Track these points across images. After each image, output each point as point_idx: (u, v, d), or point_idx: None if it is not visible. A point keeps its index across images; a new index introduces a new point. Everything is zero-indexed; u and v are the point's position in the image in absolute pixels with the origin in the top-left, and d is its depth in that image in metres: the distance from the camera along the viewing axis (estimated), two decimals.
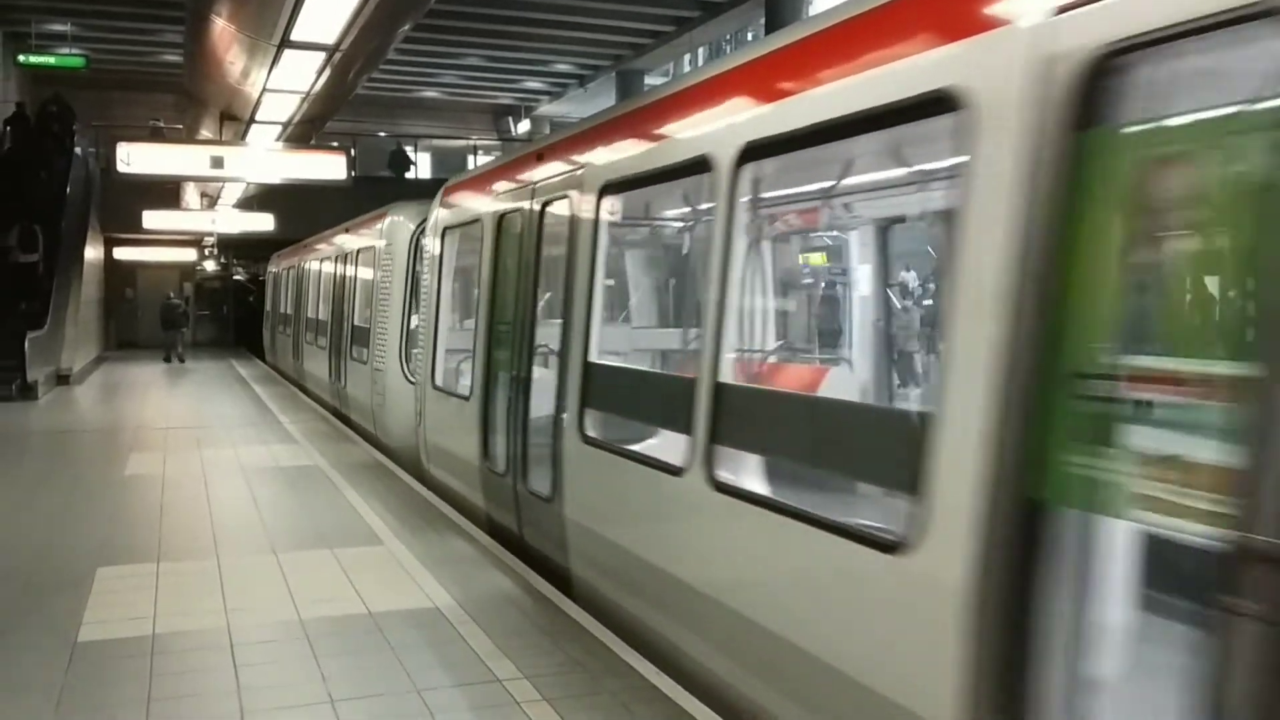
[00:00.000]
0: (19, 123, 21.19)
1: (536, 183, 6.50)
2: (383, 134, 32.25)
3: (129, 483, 8.96)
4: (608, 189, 5.51)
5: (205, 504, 8.04)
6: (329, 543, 6.76)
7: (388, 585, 5.77)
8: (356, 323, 11.61)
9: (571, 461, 5.62)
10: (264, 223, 19.96)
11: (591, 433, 5.48)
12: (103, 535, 7.03)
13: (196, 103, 12.75)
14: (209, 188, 19.94)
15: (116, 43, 26.32)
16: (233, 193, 20.23)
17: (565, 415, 5.70)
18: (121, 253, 25.64)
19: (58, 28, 23.72)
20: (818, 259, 8.00)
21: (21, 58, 23.30)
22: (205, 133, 12.99)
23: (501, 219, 7.07)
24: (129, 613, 5.28)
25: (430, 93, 33.89)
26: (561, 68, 30.40)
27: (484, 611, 5.26)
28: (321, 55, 8.44)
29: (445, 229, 8.37)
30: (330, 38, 7.89)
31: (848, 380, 6.30)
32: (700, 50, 29.06)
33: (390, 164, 27.18)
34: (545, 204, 6.35)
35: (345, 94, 11.62)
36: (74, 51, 23.09)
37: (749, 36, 28.61)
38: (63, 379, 17.47)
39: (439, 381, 8.37)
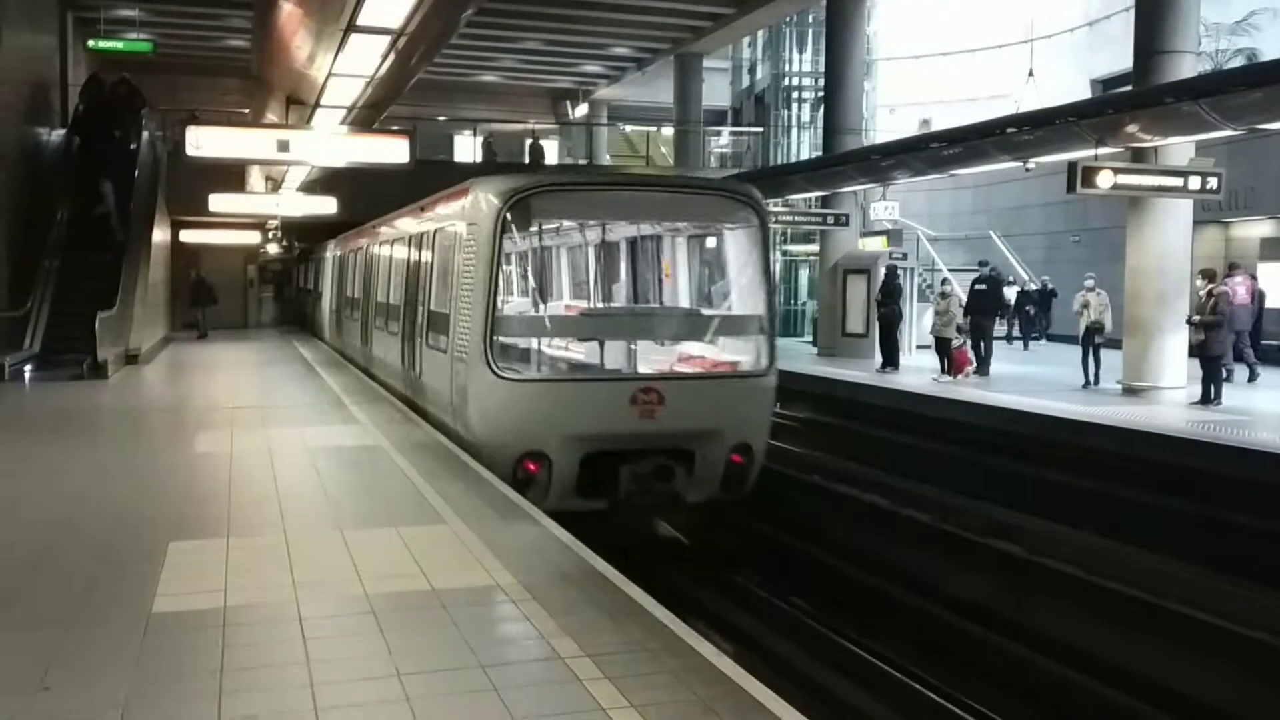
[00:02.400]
0: (93, 85, 21.78)
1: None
2: (442, 118, 32.49)
3: (198, 460, 9.15)
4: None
5: (272, 482, 8.20)
6: (393, 521, 6.86)
7: (450, 563, 5.85)
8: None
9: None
10: (327, 206, 20.20)
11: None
12: (174, 510, 7.21)
13: (263, 87, 12.93)
14: (274, 171, 20.22)
15: (183, 28, 26.73)
16: (297, 176, 20.48)
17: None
18: (187, 235, 26.08)
19: (126, 13, 24.15)
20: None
21: (91, 43, 23.75)
22: (271, 117, 13.17)
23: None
24: (201, 585, 5.41)
25: (489, 77, 34.02)
26: (620, 51, 30.34)
27: (545, 590, 5.32)
28: (386, 40, 8.53)
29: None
30: (395, 22, 7.97)
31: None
32: (760, 33, 28.88)
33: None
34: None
35: (408, 78, 11.72)
36: (141, 36, 23.50)
37: (809, 19, 28.40)
38: (131, 358, 17.84)
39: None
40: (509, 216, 9.29)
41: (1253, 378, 15.09)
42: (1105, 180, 12.33)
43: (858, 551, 10.19)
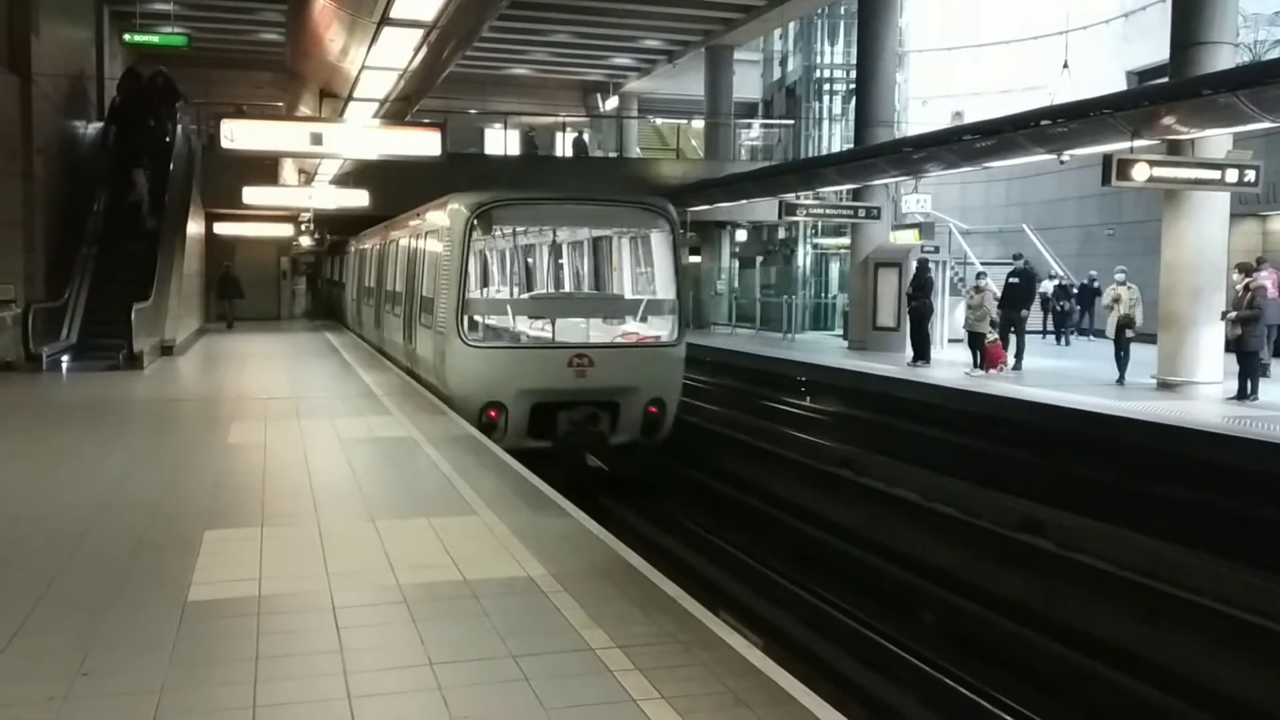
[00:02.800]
0: (129, 78, 22.08)
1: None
2: (473, 111, 32.55)
3: (232, 450, 9.24)
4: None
5: (305, 472, 8.27)
6: (424, 511, 6.91)
7: (482, 554, 5.89)
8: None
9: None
10: (359, 199, 20.32)
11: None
12: (209, 500, 7.29)
13: (296, 80, 13.01)
14: (307, 164, 20.36)
15: (216, 21, 26.94)
16: (329, 169, 20.61)
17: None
18: (221, 228, 26.31)
19: (161, 7, 24.36)
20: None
21: (126, 37, 23.95)
22: (304, 110, 13.26)
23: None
24: (235, 574, 5.47)
25: (520, 70, 34.07)
26: (650, 44, 30.30)
27: (576, 582, 5.34)
28: (419, 33, 8.56)
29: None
30: (428, 15, 7.99)
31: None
32: (791, 25, 28.76)
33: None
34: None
35: (440, 72, 11.75)
36: (176, 30, 23.70)
37: (841, 11, 28.24)
38: (166, 350, 18.04)
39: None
40: (475, 222, 11.86)
41: None
42: (1141, 173, 12.21)
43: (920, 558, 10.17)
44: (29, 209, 17.05)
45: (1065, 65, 22.36)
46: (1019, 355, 16.46)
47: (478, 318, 12.77)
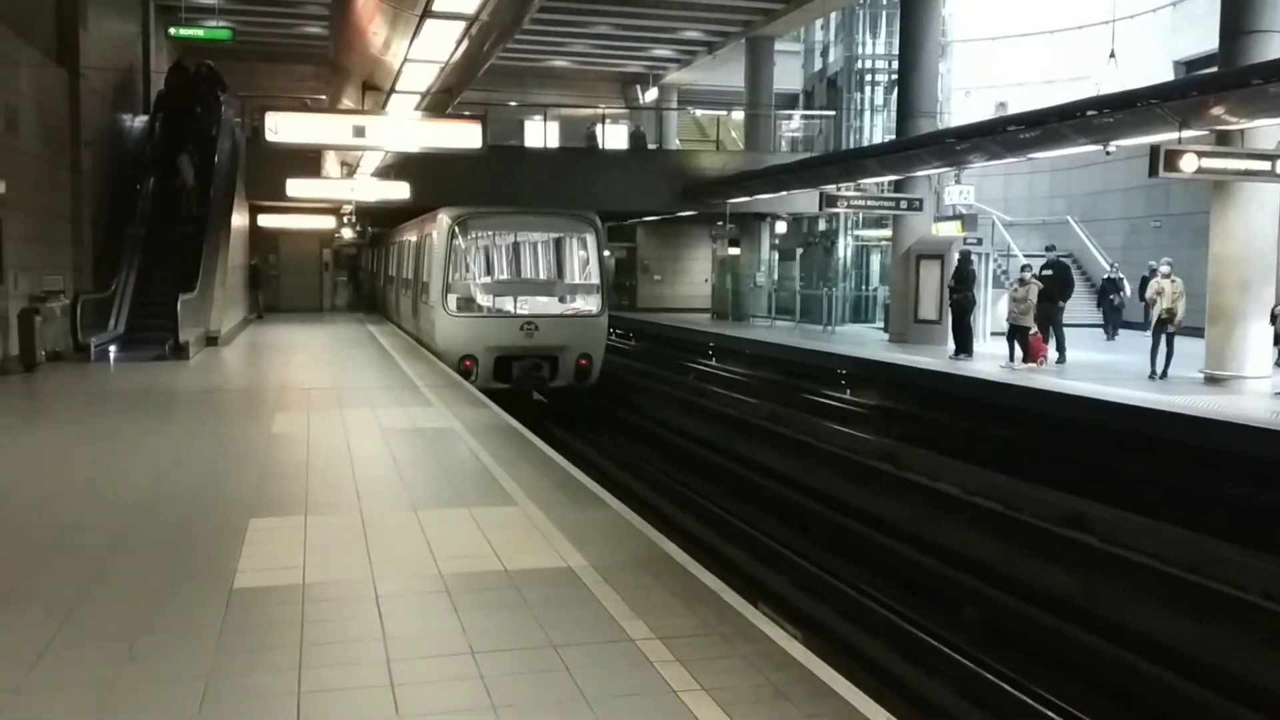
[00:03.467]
0: (176, 71, 22.45)
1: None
2: (513, 103, 32.66)
3: (276, 440, 9.35)
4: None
5: (348, 462, 8.35)
6: (465, 502, 6.96)
7: (522, 545, 5.92)
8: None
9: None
10: (400, 191, 20.46)
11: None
12: (253, 488, 7.38)
13: (339, 73, 13.11)
14: (349, 157, 20.53)
15: (260, 15, 27.17)
16: (371, 161, 20.76)
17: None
18: (265, 220, 26.60)
19: (206, 0, 24.65)
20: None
21: (172, 31, 24.25)
22: (347, 102, 13.35)
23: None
24: (280, 562, 5.54)
25: (560, 62, 34.11)
26: (690, 35, 30.22)
27: (616, 573, 5.35)
28: (461, 25, 8.58)
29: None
30: (470, 8, 8.02)
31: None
32: (833, 16, 28.57)
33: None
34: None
35: (481, 64, 11.79)
36: (221, 24, 23.94)
37: (883, 0, 28.01)
38: (211, 340, 18.28)
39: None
40: (456, 229, 16.70)
41: None
42: (1189, 164, 12.01)
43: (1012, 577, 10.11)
44: (77, 202, 17.31)
45: (1112, 55, 22.00)
46: (1060, 349, 16.29)
47: (457, 296, 16.86)
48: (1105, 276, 22.77)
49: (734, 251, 29.44)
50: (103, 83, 19.29)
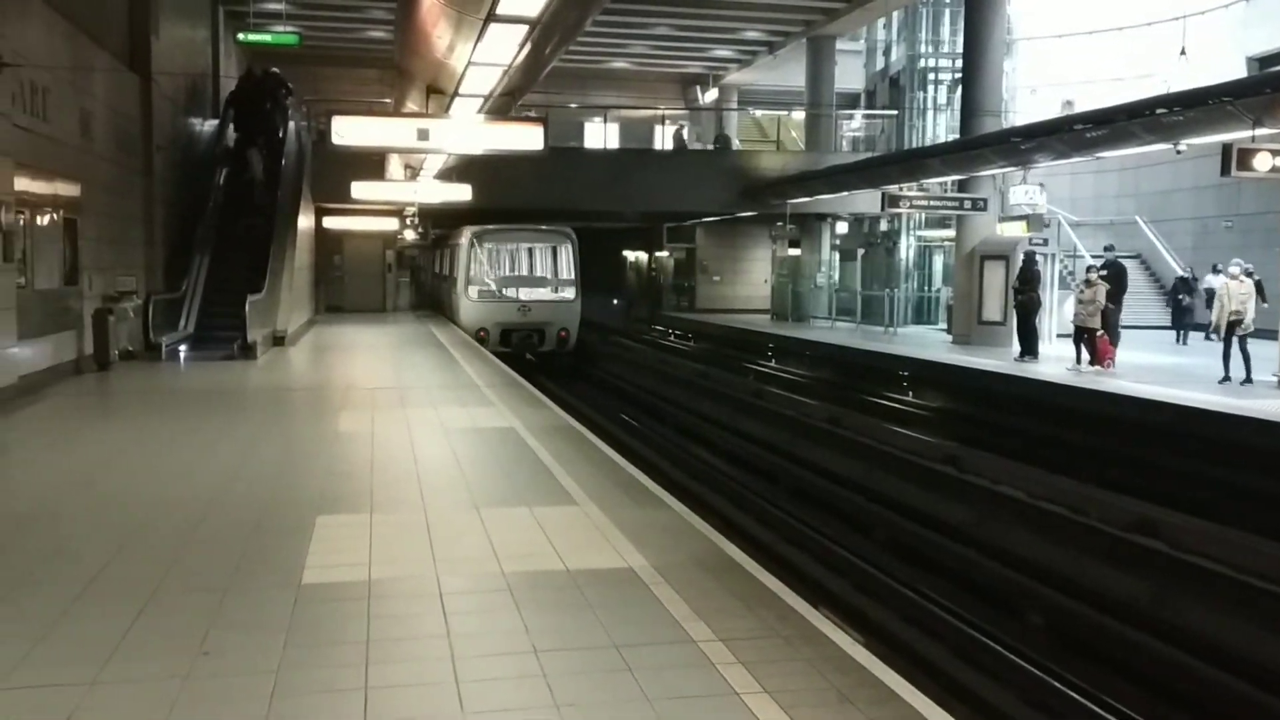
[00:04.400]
0: (247, 76, 23.09)
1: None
2: (574, 105, 32.81)
3: (341, 438, 9.49)
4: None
5: (411, 460, 8.45)
6: (526, 501, 7.01)
7: (583, 544, 5.95)
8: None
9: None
10: (462, 193, 20.66)
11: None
12: (320, 486, 7.50)
13: (404, 77, 13.26)
14: (412, 159, 20.76)
15: (326, 20, 27.61)
16: (434, 164, 20.97)
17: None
18: (330, 222, 27.02)
19: (273, 6, 25.08)
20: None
21: (241, 36, 24.71)
22: (411, 106, 13.51)
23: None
24: (346, 559, 5.63)
25: (620, 63, 34.19)
26: (751, 35, 30.13)
27: (677, 574, 5.36)
28: (524, 29, 8.65)
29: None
30: (533, 11, 8.08)
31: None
32: (895, 14, 28.31)
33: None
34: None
35: (543, 67, 11.86)
36: (288, 29, 24.36)
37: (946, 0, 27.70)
38: (278, 340, 18.59)
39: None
40: (474, 240, 23.10)
41: None
42: (1263, 163, 11.75)
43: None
44: (149, 204, 17.71)
45: (1182, 52, 21.56)
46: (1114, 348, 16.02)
47: (475, 287, 22.96)
48: (1178, 276, 22.29)
49: (794, 252, 29.28)
50: (173, 88, 19.72)
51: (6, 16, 11.33)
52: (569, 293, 23.46)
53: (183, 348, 16.87)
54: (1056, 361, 16.43)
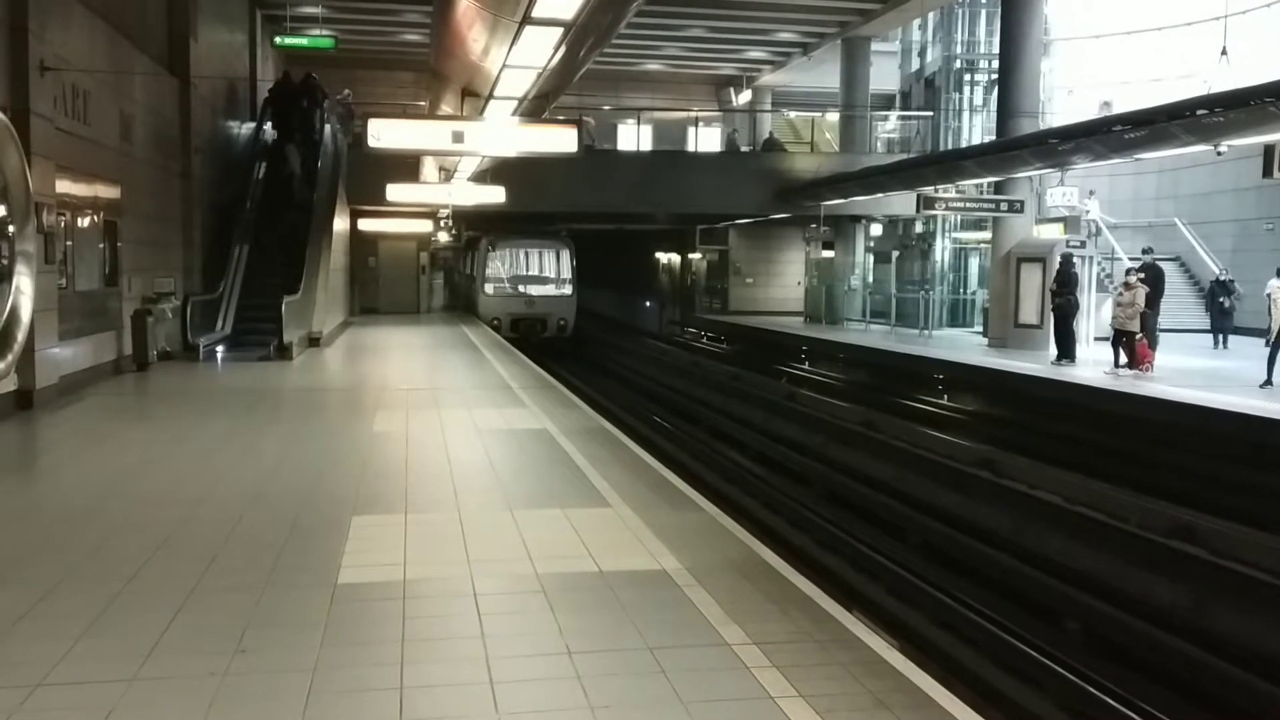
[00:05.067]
0: (285, 80, 23.44)
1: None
2: (607, 107, 32.83)
3: (377, 439, 9.55)
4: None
5: (445, 461, 8.50)
6: (560, 502, 7.03)
7: (616, 546, 5.95)
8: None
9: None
10: (495, 195, 20.73)
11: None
12: (356, 486, 7.55)
13: (439, 80, 13.31)
14: (447, 161, 20.84)
15: (362, 24, 27.77)
16: (468, 166, 21.05)
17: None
18: (365, 224, 27.23)
19: (310, 10, 25.30)
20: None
21: (277, 39, 25.00)
22: (446, 109, 13.56)
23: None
24: (382, 559, 5.66)
25: (653, 65, 34.19)
26: (785, 36, 30.03)
27: (710, 577, 5.36)
28: (559, 31, 8.67)
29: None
30: (568, 14, 8.08)
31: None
32: (931, 15, 28.13)
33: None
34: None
35: (577, 69, 11.86)
36: (324, 33, 24.56)
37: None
38: (314, 341, 18.75)
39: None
40: (490, 246, 27.90)
41: None
42: None
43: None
44: (187, 206, 17.91)
45: (1224, 52, 21.27)
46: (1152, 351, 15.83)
47: (490, 283, 27.67)
48: (1215, 279, 21.99)
49: (828, 254, 29.15)
50: (211, 91, 19.93)
51: (50, 22, 11.50)
52: (567, 289, 28.17)
53: (220, 348, 17.06)
54: (1094, 365, 16.26)
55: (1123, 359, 15.47)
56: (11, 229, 9.27)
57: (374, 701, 3.86)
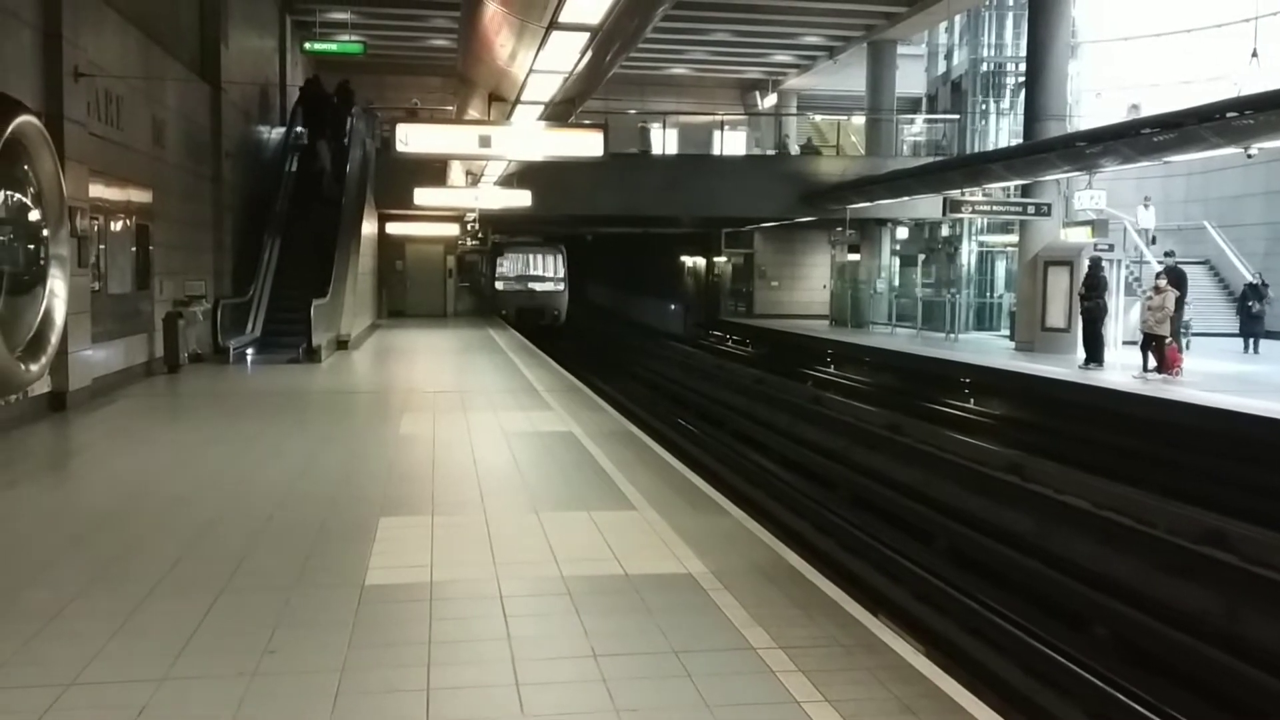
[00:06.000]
0: (316, 84, 23.72)
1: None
2: (632, 111, 32.86)
3: (404, 441, 9.61)
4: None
5: (471, 463, 8.54)
6: (585, 505, 7.04)
7: (642, 549, 5.96)
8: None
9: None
10: (522, 199, 20.79)
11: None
12: (383, 488, 7.61)
13: (466, 85, 13.38)
14: (474, 166, 20.93)
15: (390, 29, 27.96)
16: (495, 170, 21.14)
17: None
18: (393, 227, 27.38)
19: (339, 16, 25.51)
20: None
21: (307, 45, 25.25)
22: (473, 113, 13.64)
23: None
24: (409, 560, 5.70)
25: (679, 69, 34.21)
26: (811, 40, 29.99)
27: (736, 581, 5.36)
28: (585, 36, 8.70)
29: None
30: (595, 19, 8.11)
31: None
32: (957, 18, 28.02)
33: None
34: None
35: (604, 73, 11.89)
36: (353, 39, 24.75)
37: (1010, 1, 27.36)
38: (342, 344, 18.87)
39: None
40: (500, 251, 34.55)
41: None
42: None
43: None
44: (218, 210, 18.07)
45: (1254, 54, 21.08)
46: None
47: (500, 280, 33.74)
48: (1247, 282, 21.77)
49: (854, 257, 29.07)
50: (241, 96, 20.10)
51: (84, 29, 11.64)
52: (560, 285, 34.63)
53: (249, 351, 17.20)
54: (1122, 369, 16.14)
55: (1151, 363, 15.35)
56: (46, 233, 9.39)
57: (401, 702, 3.89)
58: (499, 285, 33.91)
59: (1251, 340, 20.43)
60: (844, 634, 4.63)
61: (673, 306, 40.02)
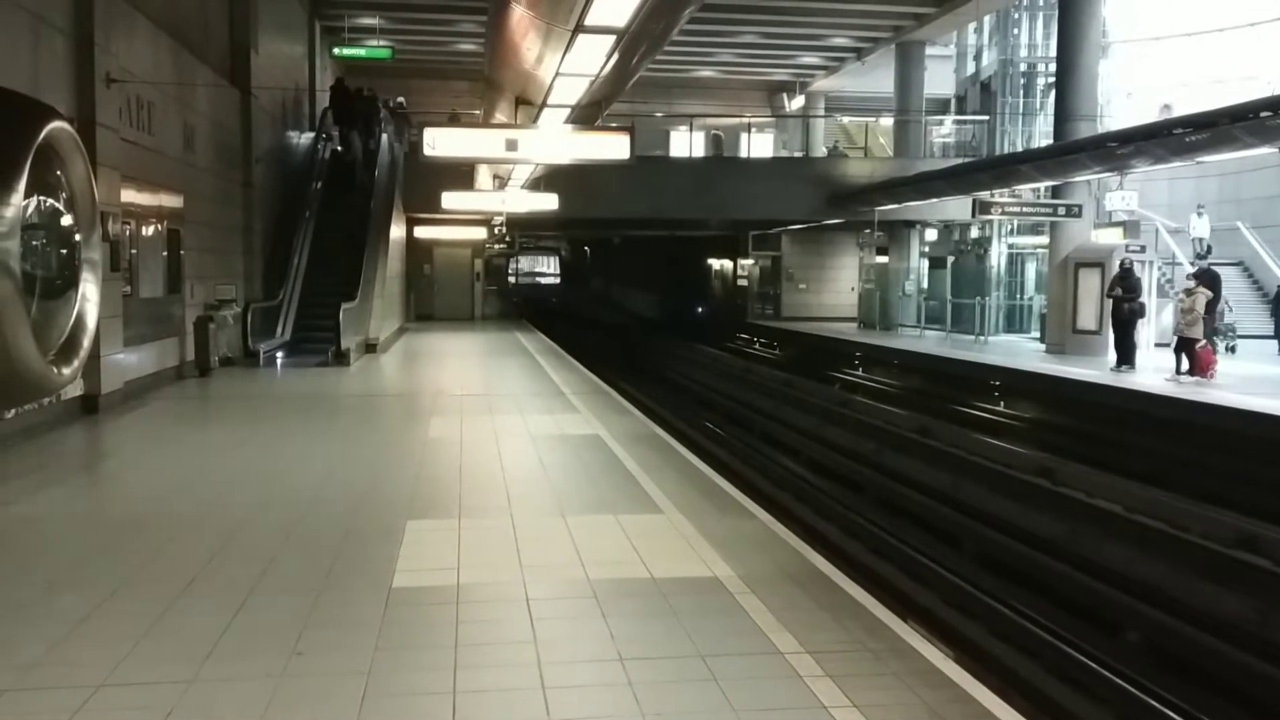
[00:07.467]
0: (341, 82, 24.01)
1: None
2: (659, 114, 32.87)
3: (431, 444, 9.64)
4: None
5: (499, 466, 8.55)
6: (612, 508, 7.04)
7: (668, 552, 5.95)
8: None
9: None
10: (549, 202, 20.84)
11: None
12: (411, 491, 7.63)
13: (493, 88, 13.43)
14: (501, 169, 21.02)
15: (418, 34, 28.10)
16: (521, 173, 21.21)
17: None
18: (421, 231, 27.50)
19: (367, 21, 25.67)
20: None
21: (336, 51, 25.40)
22: (500, 117, 13.68)
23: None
24: (436, 563, 5.71)
25: (706, 72, 34.19)
26: (839, 41, 29.89)
27: (763, 584, 5.33)
28: (611, 39, 8.70)
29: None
30: (621, 21, 8.11)
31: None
32: (987, 18, 27.85)
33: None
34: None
35: (630, 76, 11.91)
36: (381, 44, 24.92)
37: (1039, 1, 27.17)
38: (370, 347, 18.97)
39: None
40: (515, 253, 44.74)
41: None
42: None
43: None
44: (248, 214, 18.21)
45: None
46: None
47: (513, 276, 49.71)
48: None
49: (882, 259, 28.94)
50: (271, 101, 20.25)
51: (115, 35, 11.76)
52: (557, 280, 47.73)
53: (279, 354, 17.33)
54: (1154, 372, 15.97)
55: (1184, 365, 15.18)
56: (78, 237, 9.46)
57: (427, 705, 3.90)
58: (512, 279, 47.37)
59: None
60: (872, 638, 4.60)
61: (699, 309, 40.00)
